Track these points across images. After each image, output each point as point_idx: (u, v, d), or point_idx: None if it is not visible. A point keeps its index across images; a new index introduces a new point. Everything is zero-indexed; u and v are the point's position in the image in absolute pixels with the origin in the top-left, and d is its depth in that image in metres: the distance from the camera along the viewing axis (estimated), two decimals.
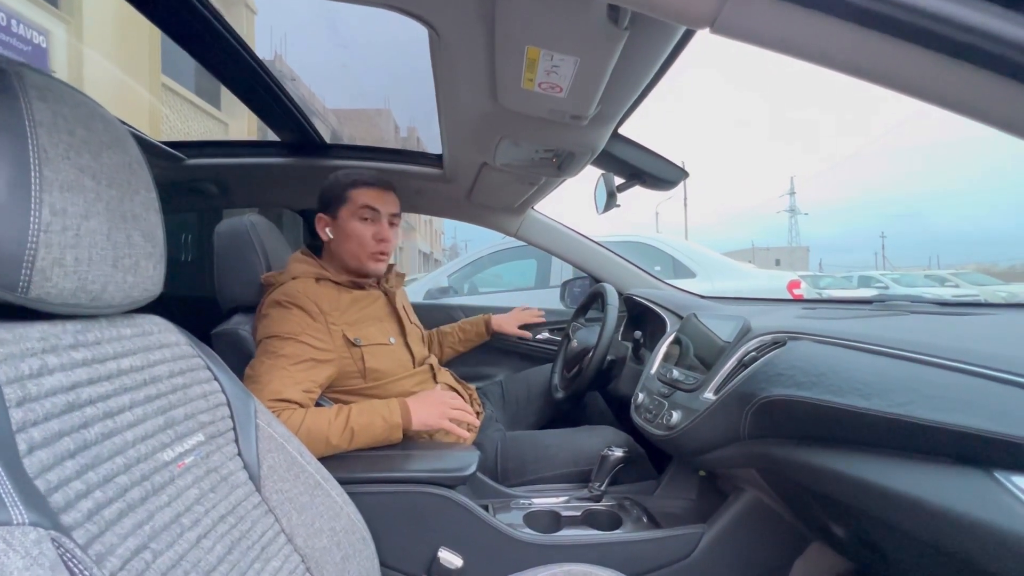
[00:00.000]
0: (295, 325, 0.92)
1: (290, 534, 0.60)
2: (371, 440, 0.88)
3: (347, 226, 1.04)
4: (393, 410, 0.90)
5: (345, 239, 1.04)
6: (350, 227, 1.04)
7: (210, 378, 0.60)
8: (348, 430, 0.86)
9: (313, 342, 0.91)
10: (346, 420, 0.86)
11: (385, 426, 0.88)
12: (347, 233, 1.04)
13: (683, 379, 0.92)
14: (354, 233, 1.04)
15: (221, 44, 0.92)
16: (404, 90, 18.12)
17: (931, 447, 0.49)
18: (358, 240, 1.04)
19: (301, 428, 0.82)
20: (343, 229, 1.04)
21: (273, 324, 0.92)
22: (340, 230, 1.05)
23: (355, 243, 1.04)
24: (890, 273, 14.55)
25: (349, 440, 0.86)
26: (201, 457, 0.54)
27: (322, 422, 0.85)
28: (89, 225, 0.43)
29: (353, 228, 1.04)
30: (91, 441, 0.41)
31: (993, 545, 0.41)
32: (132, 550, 0.41)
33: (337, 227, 1.05)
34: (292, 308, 0.93)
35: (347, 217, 1.04)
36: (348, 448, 0.86)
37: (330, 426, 0.85)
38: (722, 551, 0.82)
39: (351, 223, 1.04)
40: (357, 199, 1.04)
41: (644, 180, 1.11)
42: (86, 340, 0.45)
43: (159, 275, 0.53)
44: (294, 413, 0.84)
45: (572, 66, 0.58)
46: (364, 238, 1.04)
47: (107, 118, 0.48)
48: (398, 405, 0.91)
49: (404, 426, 0.90)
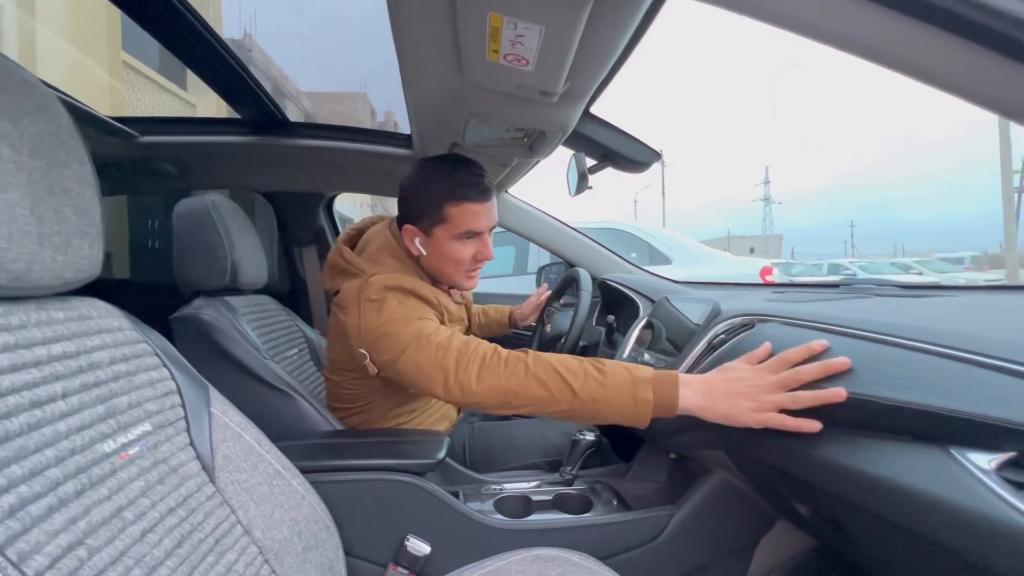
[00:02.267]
0: (420, 310, 0.85)
1: (247, 526, 0.57)
2: (603, 394, 0.68)
3: (444, 247, 0.92)
4: (641, 372, 0.69)
5: (441, 259, 0.93)
6: (448, 248, 0.92)
7: (158, 365, 0.56)
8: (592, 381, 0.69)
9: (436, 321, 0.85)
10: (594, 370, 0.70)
11: (629, 382, 0.68)
12: (444, 255, 0.93)
13: (654, 362, 0.92)
14: (453, 256, 0.92)
15: (177, 18, 0.87)
16: (381, 73, 17.73)
17: (892, 426, 0.49)
18: (456, 262, 0.93)
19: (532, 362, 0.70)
20: (439, 249, 0.92)
21: (396, 309, 0.83)
22: (435, 249, 0.93)
23: (452, 265, 0.94)
24: (858, 261, 15.06)
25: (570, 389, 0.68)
26: (148, 448, 0.51)
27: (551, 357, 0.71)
28: (7, 197, 0.39)
29: (452, 250, 0.92)
30: (14, 432, 0.38)
31: (948, 520, 0.42)
32: (64, 547, 0.38)
33: (431, 244, 0.93)
34: (411, 296, 0.86)
35: (445, 238, 0.91)
36: (570, 397, 0.69)
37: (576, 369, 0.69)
38: (691, 531, 0.83)
39: (450, 244, 0.91)
40: (459, 221, 0.90)
41: (616, 161, 1.09)
42: (8, 324, 0.41)
43: (96, 255, 0.49)
44: (503, 352, 0.73)
45: (538, 36, 0.56)
46: (463, 259, 0.93)
47: (29, 81, 0.44)
48: (655, 372, 0.69)
49: (656, 401, 0.67)
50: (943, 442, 0.45)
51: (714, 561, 0.85)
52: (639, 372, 0.69)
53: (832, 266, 13.34)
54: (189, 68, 1.07)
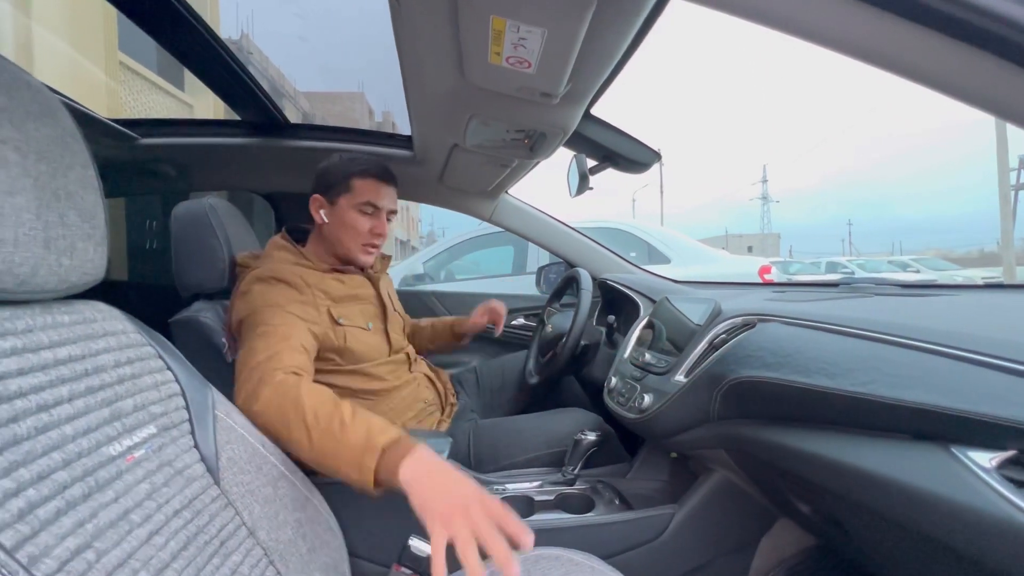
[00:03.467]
0: (281, 298, 0.87)
1: (252, 527, 0.58)
2: (333, 449, 0.64)
3: (345, 215, 1.00)
4: (381, 437, 0.62)
5: (340, 227, 1.01)
6: (348, 217, 1.00)
7: (162, 367, 0.56)
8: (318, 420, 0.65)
9: (301, 313, 0.87)
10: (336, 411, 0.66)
11: (360, 446, 0.62)
12: (344, 222, 1.00)
13: (655, 362, 0.92)
14: (351, 224, 1.00)
15: (176, 19, 0.87)
16: (378, 74, 17.69)
17: (892, 424, 0.49)
18: (354, 231, 1.01)
19: (293, 396, 0.68)
20: (340, 217, 1.01)
21: (257, 298, 0.87)
22: (337, 217, 1.01)
23: (350, 234, 1.01)
24: (856, 259, 15.09)
25: (308, 434, 0.65)
26: (153, 450, 0.51)
27: (317, 399, 0.68)
28: (14, 202, 0.40)
29: (351, 219, 1.00)
30: (22, 436, 0.38)
31: (949, 518, 0.42)
32: (72, 550, 0.38)
33: (334, 213, 1.01)
34: (277, 283, 0.89)
35: (346, 206, 1.00)
36: (307, 445, 0.65)
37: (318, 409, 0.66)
38: (692, 530, 0.84)
39: (350, 213, 1.00)
40: (360, 191, 1.00)
41: (617, 162, 1.10)
42: (15, 328, 0.41)
43: (100, 258, 0.50)
44: (287, 379, 0.71)
45: (540, 39, 0.56)
46: (360, 231, 1.01)
47: (34, 86, 0.44)
48: (394, 439, 0.63)
49: (381, 470, 0.61)
50: (944, 440, 0.45)
51: (716, 559, 0.85)
52: (378, 438, 0.62)
53: (830, 264, 13.36)
54: (190, 71, 1.07)
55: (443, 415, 1.14)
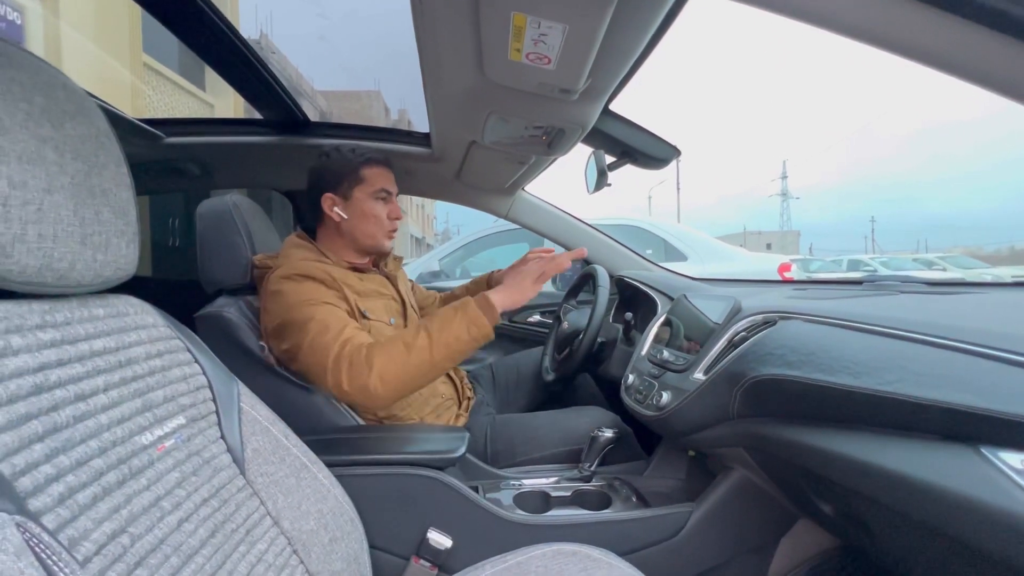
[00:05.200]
0: (314, 293, 0.90)
1: (276, 517, 0.59)
2: (455, 338, 0.86)
3: (364, 205, 1.03)
4: (471, 311, 0.88)
5: (361, 218, 1.04)
6: (367, 206, 1.03)
7: (190, 360, 0.58)
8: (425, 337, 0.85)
9: (337, 303, 0.91)
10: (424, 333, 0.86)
11: (465, 321, 0.87)
12: (364, 212, 1.03)
13: (673, 360, 0.91)
14: (372, 212, 1.04)
15: (201, 19, 0.89)
16: (395, 71, 17.78)
17: (919, 424, 0.48)
18: (376, 219, 1.04)
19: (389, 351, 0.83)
20: (359, 209, 1.03)
21: (291, 296, 0.90)
22: (356, 210, 1.03)
23: (373, 222, 1.04)
24: (879, 257, 14.69)
25: (429, 347, 0.85)
26: (182, 440, 0.52)
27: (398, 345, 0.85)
28: (53, 199, 0.41)
29: (371, 208, 1.03)
30: (62, 424, 0.40)
31: (978, 520, 0.41)
32: (108, 535, 0.40)
33: (351, 207, 1.04)
34: (305, 280, 0.92)
35: (363, 197, 1.03)
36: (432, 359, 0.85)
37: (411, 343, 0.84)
38: (710, 529, 0.83)
39: (368, 202, 1.03)
40: (373, 180, 1.03)
41: (635, 158, 1.09)
42: (54, 320, 0.43)
43: (133, 254, 0.51)
44: (372, 347, 0.84)
45: (560, 34, 0.56)
46: (381, 217, 1.05)
47: (69, 87, 0.46)
48: (475, 305, 0.89)
49: (488, 320, 0.88)
50: (973, 441, 0.44)
51: (734, 559, 0.84)
52: (464, 313, 0.88)
53: (852, 262, 13.03)
54: (214, 70, 1.09)
55: (460, 409, 1.15)
